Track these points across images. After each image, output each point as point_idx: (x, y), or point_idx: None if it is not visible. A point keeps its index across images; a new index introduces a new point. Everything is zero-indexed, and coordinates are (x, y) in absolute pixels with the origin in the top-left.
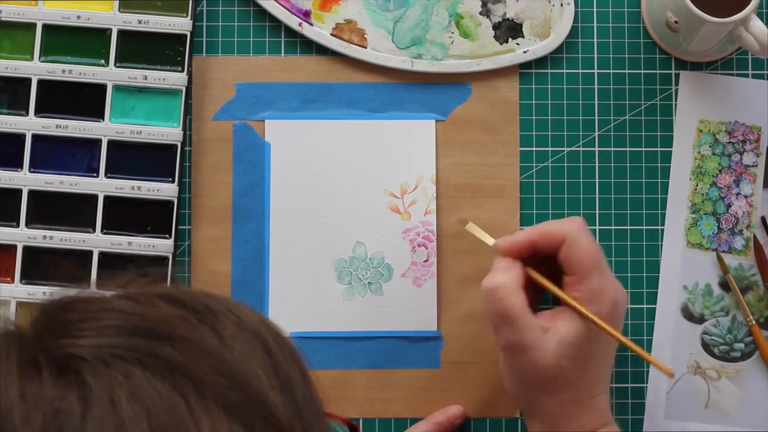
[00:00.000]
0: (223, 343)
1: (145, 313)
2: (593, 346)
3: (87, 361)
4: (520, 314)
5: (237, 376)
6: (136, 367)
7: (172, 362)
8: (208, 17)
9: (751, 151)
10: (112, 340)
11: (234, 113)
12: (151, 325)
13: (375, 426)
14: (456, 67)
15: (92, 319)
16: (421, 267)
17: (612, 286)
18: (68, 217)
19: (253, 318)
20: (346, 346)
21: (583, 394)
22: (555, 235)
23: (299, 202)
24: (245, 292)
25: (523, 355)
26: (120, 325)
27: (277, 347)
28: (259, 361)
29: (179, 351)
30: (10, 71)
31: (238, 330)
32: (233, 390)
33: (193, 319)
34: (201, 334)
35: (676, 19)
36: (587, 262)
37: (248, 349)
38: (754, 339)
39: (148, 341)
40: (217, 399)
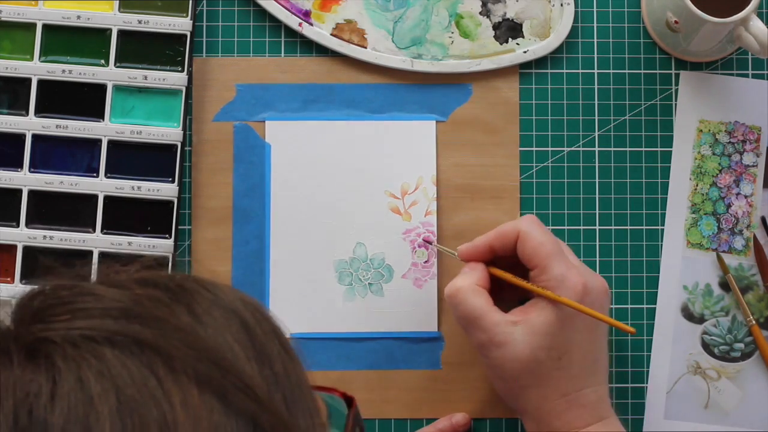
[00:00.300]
0: (197, 320)
1: (116, 295)
2: (567, 334)
3: (56, 344)
4: (484, 313)
5: (209, 349)
6: (104, 346)
7: (141, 339)
8: (208, 17)
9: (751, 151)
10: (82, 323)
11: (234, 114)
12: (122, 305)
13: (375, 427)
14: (456, 67)
15: (64, 304)
16: (422, 268)
17: (576, 274)
18: (68, 217)
19: (231, 295)
20: (347, 346)
21: (567, 386)
22: (509, 234)
23: (300, 202)
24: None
25: (497, 351)
26: (91, 307)
27: (255, 321)
28: (234, 335)
29: (149, 328)
30: (10, 71)
31: (212, 306)
32: (204, 362)
33: (166, 298)
34: (173, 312)
35: (676, 19)
36: (542, 252)
37: (223, 324)
38: (754, 339)
39: (118, 321)
40: (188, 371)
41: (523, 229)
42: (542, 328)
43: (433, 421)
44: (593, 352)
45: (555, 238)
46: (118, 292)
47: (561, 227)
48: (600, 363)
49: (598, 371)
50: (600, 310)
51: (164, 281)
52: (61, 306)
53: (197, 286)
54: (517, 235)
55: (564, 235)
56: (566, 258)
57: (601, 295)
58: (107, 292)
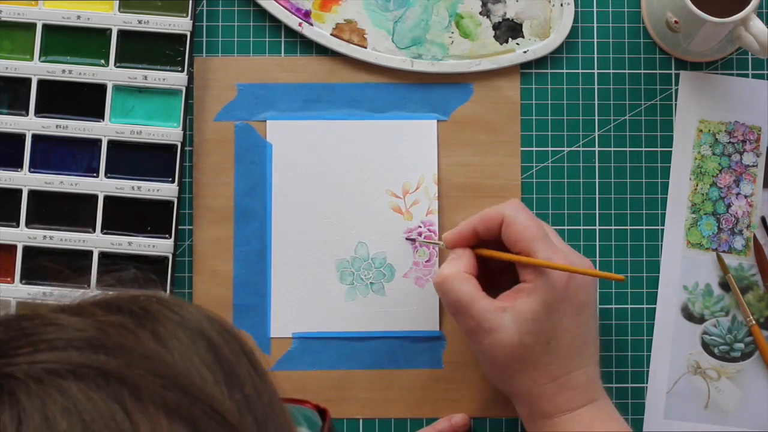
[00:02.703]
0: (162, 345)
1: (79, 324)
2: (554, 319)
3: (20, 380)
4: (472, 300)
5: (176, 376)
6: (70, 380)
7: (106, 370)
8: (208, 17)
9: (751, 151)
10: (46, 356)
11: (235, 114)
12: (85, 335)
13: (375, 426)
14: (456, 67)
15: (25, 336)
16: (423, 267)
17: (562, 257)
18: (68, 217)
19: (197, 315)
20: (348, 346)
21: (557, 370)
22: (493, 218)
23: (301, 202)
24: (247, 293)
25: (486, 337)
26: (53, 338)
27: (223, 341)
28: (201, 358)
29: (114, 358)
30: (10, 71)
31: (178, 329)
32: (172, 390)
33: (130, 323)
34: (138, 338)
35: (676, 19)
36: (527, 235)
37: (190, 347)
38: (754, 339)
39: (82, 352)
40: (156, 401)
41: (508, 213)
42: (529, 314)
43: (434, 420)
44: (581, 335)
45: (540, 222)
46: (80, 320)
47: (561, 227)
48: (588, 345)
49: (587, 353)
50: (586, 294)
51: (128, 305)
52: (23, 338)
53: (162, 308)
54: (502, 219)
55: (564, 235)
56: (551, 242)
57: (587, 278)
58: (70, 321)
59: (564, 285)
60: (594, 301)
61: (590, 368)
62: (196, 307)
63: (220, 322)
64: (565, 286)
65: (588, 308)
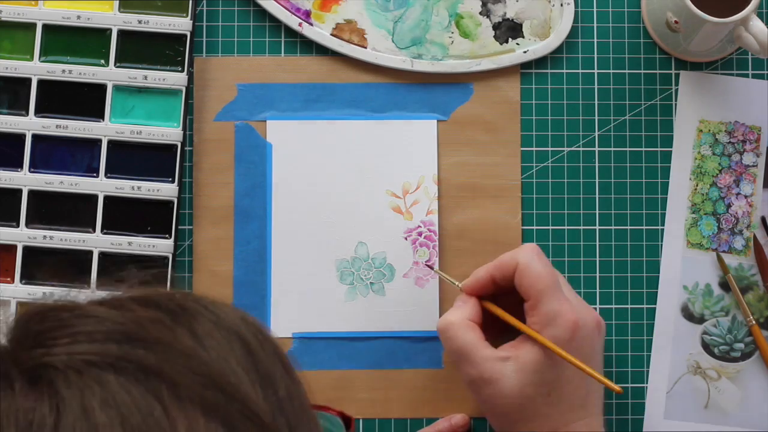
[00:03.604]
0: (199, 343)
1: (118, 317)
2: (556, 371)
3: (59, 370)
4: (474, 349)
5: (213, 375)
6: (108, 372)
7: (145, 365)
8: (208, 17)
9: (751, 151)
10: (85, 347)
11: (235, 114)
12: (124, 328)
13: (375, 426)
14: (456, 67)
15: (64, 327)
16: (423, 267)
17: (571, 309)
18: (68, 217)
19: (232, 315)
20: (348, 346)
21: (558, 421)
22: (508, 265)
23: (301, 202)
24: (247, 293)
25: (487, 387)
26: (92, 330)
27: (258, 344)
28: (237, 358)
29: (153, 353)
30: (10, 71)
31: (215, 328)
32: (209, 388)
33: (168, 320)
34: (175, 335)
35: (676, 19)
36: (539, 285)
37: (226, 347)
38: (754, 339)
39: (121, 346)
40: (193, 399)
41: (522, 261)
42: (531, 365)
43: (434, 420)
44: (584, 386)
45: (553, 270)
46: (119, 314)
47: (561, 227)
48: (591, 396)
49: (589, 404)
50: (590, 347)
51: (165, 301)
52: (62, 329)
53: (198, 306)
54: (516, 266)
55: (564, 235)
56: (561, 292)
57: (592, 331)
58: (108, 314)
59: (569, 338)
60: (599, 352)
61: (592, 419)
62: (231, 308)
63: (255, 324)
64: (569, 338)
65: (592, 360)
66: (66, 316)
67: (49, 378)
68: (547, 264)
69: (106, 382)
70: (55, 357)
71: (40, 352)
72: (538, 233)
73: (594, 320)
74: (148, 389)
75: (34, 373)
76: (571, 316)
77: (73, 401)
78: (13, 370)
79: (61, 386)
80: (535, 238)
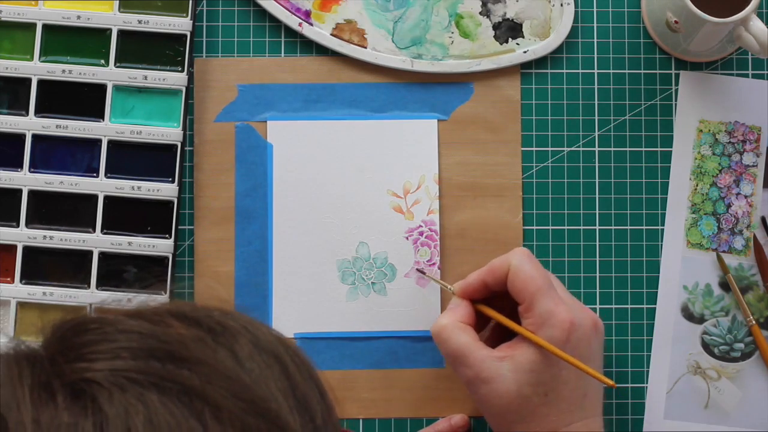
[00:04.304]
0: (240, 365)
1: (160, 334)
2: (553, 371)
3: (102, 386)
4: (469, 350)
5: (255, 400)
6: (151, 391)
7: (189, 386)
8: (208, 17)
9: (751, 151)
10: (127, 364)
11: (236, 114)
12: (167, 347)
13: (375, 426)
14: (456, 67)
15: (106, 341)
16: (425, 266)
17: (566, 309)
18: (68, 217)
19: (270, 337)
20: (350, 346)
21: (556, 422)
22: (500, 269)
23: (302, 202)
24: (248, 293)
25: (484, 387)
26: (134, 347)
27: (296, 368)
28: (277, 383)
29: (196, 374)
30: (10, 71)
31: (255, 350)
32: (251, 414)
33: (209, 339)
34: (217, 356)
35: (676, 19)
36: (531, 287)
37: (266, 371)
38: (754, 339)
39: (164, 364)
40: (235, 423)
41: (513, 264)
42: (528, 365)
43: (435, 420)
44: (581, 387)
45: (545, 272)
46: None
47: (561, 227)
48: (590, 397)
49: (588, 405)
50: (587, 347)
51: (204, 318)
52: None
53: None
54: (507, 270)
55: (564, 235)
56: (555, 293)
57: (589, 331)
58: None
59: (564, 338)
60: (597, 352)
61: (591, 420)
62: (268, 328)
63: (292, 347)
64: (565, 339)
65: (590, 361)
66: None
67: (92, 394)
68: (538, 266)
69: (149, 402)
70: (98, 372)
71: (82, 366)
72: (538, 233)
73: (590, 320)
74: (191, 411)
75: (77, 387)
76: (566, 317)
77: (117, 420)
78: (55, 381)
79: (105, 403)
80: (535, 237)
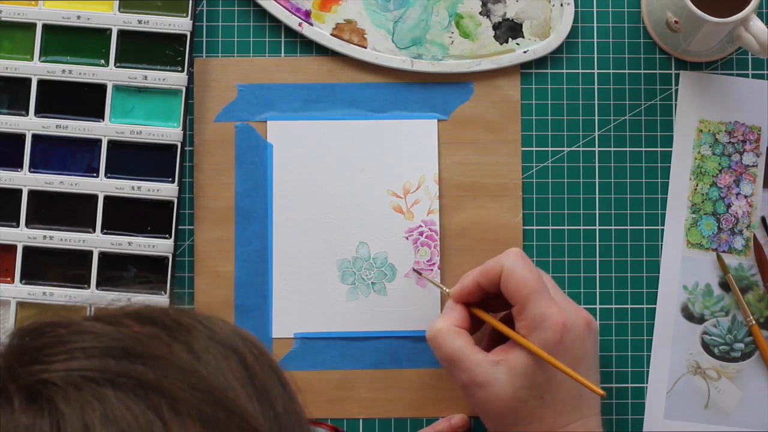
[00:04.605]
0: (196, 357)
1: (115, 333)
2: (548, 373)
3: (58, 386)
4: (464, 354)
5: (212, 390)
6: (107, 388)
7: (145, 380)
8: (208, 17)
9: (751, 151)
10: (83, 363)
11: (236, 114)
12: (122, 344)
13: (375, 426)
14: (456, 67)
15: (61, 343)
16: (425, 266)
17: (558, 312)
18: (68, 217)
19: (227, 330)
20: (350, 346)
21: (553, 424)
22: (493, 270)
23: (302, 202)
24: (248, 294)
25: (479, 391)
26: (90, 346)
27: (254, 358)
28: (234, 373)
29: (151, 368)
30: (10, 71)
31: (210, 343)
32: (208, 403)
33: (164, 335)
34: (172, 350)
35: (676, 19)
36: (524, 290)
37: (222, 362)
38: (754, 339)
39: (119, 361)
40: (193, 414)
41: (506, 266)
42: (522, 368)
43: (435, 420)
44: (577, 387)
45: (538, 273)
46: (116, 330)
47: (561, 227)
48: (586, 397)
49: (584, 405)
50: (581, 347)
51: (160, 317)
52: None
53: (193, 322)
54: (501, 271)
55: (564, 235)
56: (548, 295)
57: (583, 332)
58: (105, 329)
59: (557, 340)
60: (592, 352)
61: (588, 420)
62: (225, 322)
63: (250, 339)
64: (558, 341)
65: (584, 362)
66: (63, 332)
67: (48, 394)
68: (531, 267)
69: (105, 398)
70: (53, 373)
71: (37, 369)
72: (538, 233)
73: (583, 320)
74: (147, 405)
75: (33, 389)
76: (558, 319)
77: (73, 417)
78: (11, 386)
79: (61, 403)
80: (535, 237)
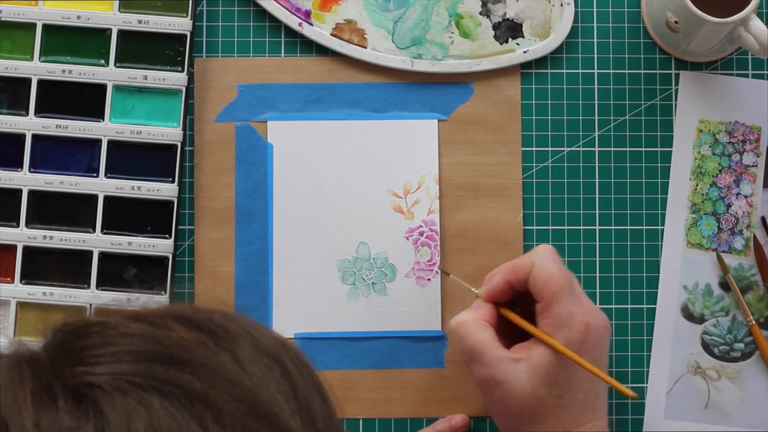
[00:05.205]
0: (242, 368)
1: (161, 338)
2: (569, 373)
3: (104, 390)
4: (487, 349)
5: (256, 403)
6: (153, 395)
7: (191, 390)
8: (208, 17)
9: (751, 151)
10: (129, 367)
11: (236, 115)
12: (169, 350)
13: (375, 427)
14: (456, 67)
15: (107, 345)
16: (425, 266)
17: (583, 311)
18: (68, 217)
19: (272, 340)
20: (351, 346)
21: (568, 423)
22: (523, 267)
23: (302, 202)
24: (249, 294)
25: (498, 388)
26: (136, 350)
27: (297, 371)
28: (278, 386)
29: (197, 378)
30: (10, 71)
31: (256, 353)
32: (253, 417)
33: (211, 343)
34: (219, 359)
35: (676, 19)
36: (552, 286)
37: (267, 374)
38: (754, 339)
39: (166, 368)
40: (237, 427)
41: (537, 262)
42: (543, 367)
43: (435, 420)
44: (594, 389)
45: (567, 272)
46: (162, 333)
47: (561, 227)
48: (600, 398)
49: (598, 406)
50: (601, 349)
51: (206, 323)
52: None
53: (240, 329)
54: (531, 267)
55: (564, 235)
56: (574, 295)
57: (603, 333)
58: (152, 333)
59: (581, 339)
60: (607, 353)
61: (599, 422)
62: (270, 331)
63: (293, 350)
64: (582, 340)
65: (602, 362)
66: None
67: (94, 398)
68: (561, 266)
69: (150, 406)
70: (98, 376)
71: (82, 369)
72: (538, 233)
73: (603, 321)
74: (192, 416)
75: (78, 391)
76: (583, 318)
77: (118, 423)
78: (56, 384)
79: (107, 407)
80: (535, 238)
